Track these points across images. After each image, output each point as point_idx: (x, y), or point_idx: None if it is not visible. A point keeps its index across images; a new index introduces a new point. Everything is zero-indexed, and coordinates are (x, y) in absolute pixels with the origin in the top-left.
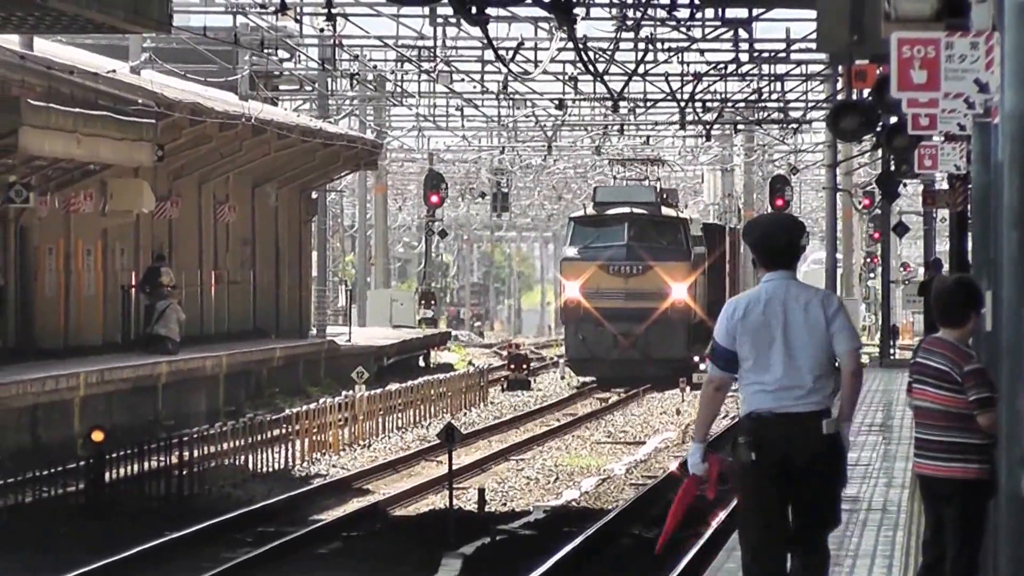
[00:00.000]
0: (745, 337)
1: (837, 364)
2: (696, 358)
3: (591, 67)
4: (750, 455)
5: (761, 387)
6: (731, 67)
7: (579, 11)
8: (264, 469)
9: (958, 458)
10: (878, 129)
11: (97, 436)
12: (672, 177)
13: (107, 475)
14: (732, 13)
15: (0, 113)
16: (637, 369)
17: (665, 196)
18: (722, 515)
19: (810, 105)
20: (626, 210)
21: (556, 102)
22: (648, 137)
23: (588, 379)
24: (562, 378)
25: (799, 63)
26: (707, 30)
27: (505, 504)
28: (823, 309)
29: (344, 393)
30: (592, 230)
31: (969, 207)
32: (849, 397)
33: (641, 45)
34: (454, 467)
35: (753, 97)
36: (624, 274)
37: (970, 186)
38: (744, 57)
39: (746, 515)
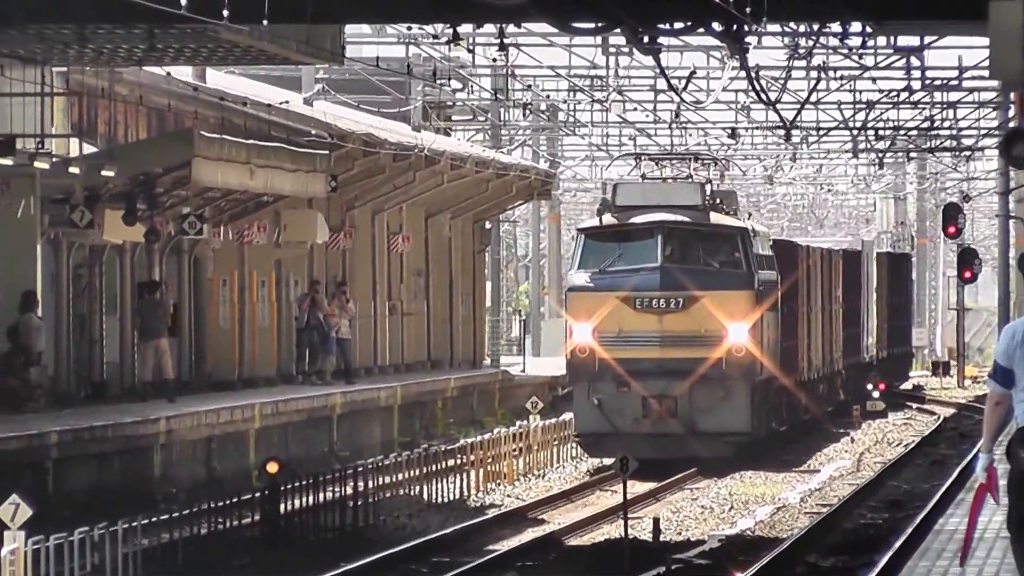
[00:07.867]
0: (1019, 357)
1: None
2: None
3: (763, 96)
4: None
5: None
6: (903, 95)
7: (751, 40)
8: (439, 499)
9: None
10: None
11: (272, 467)
12: (731, 181)
13: (282, 506)
14: (904, 41)
15: (174, 144)
16: (677, 447)
17: (718, 200)
18: (896, 544)
19: (982, 132)
20: (660, 217)
21: (728, 131)
22: (820, 166)
23: (606, 461)
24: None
25: (971, 90)
26: (879, 58)
27: (680, 533)
28: None
29: (518, 423)
30: (611, 246)
31: None
32: None
33: (813, 73)
34: (629, 496)
35: (925, 124)
36: (658, 310)
37: None
38: (916, 85)
39: (1012, 516)
